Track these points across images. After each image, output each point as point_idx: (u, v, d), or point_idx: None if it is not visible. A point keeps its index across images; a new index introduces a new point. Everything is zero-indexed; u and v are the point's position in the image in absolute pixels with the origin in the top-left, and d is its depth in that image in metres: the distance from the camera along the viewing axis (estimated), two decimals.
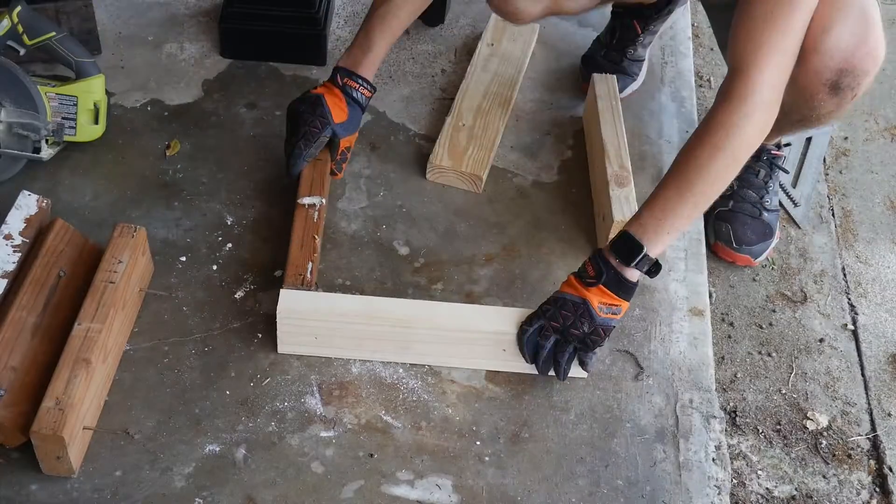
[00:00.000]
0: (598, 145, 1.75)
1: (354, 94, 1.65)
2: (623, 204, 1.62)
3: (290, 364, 1.48)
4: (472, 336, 1.47)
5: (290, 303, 1.45)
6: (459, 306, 1.51)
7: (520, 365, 1.49)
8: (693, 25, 2.34)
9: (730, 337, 1.75)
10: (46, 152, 1.69)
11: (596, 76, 1.86)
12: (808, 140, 2.09)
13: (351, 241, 1.68)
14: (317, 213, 1.59)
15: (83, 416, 1.31)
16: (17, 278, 1.42)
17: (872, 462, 1.60)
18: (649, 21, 1.94)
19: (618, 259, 1.39)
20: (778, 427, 1.62)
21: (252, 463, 1.37)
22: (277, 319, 1.44)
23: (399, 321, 1.46)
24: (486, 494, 1.37)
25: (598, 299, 1.40)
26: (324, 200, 1.61)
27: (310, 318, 1.45)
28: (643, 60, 1.99)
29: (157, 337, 1.50)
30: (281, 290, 1.46)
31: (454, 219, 1.74)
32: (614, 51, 1.95)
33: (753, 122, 1.35)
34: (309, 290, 1.47)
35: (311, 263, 1.51)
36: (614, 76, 1.88)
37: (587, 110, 1.90)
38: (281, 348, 1.48)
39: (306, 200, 1.60)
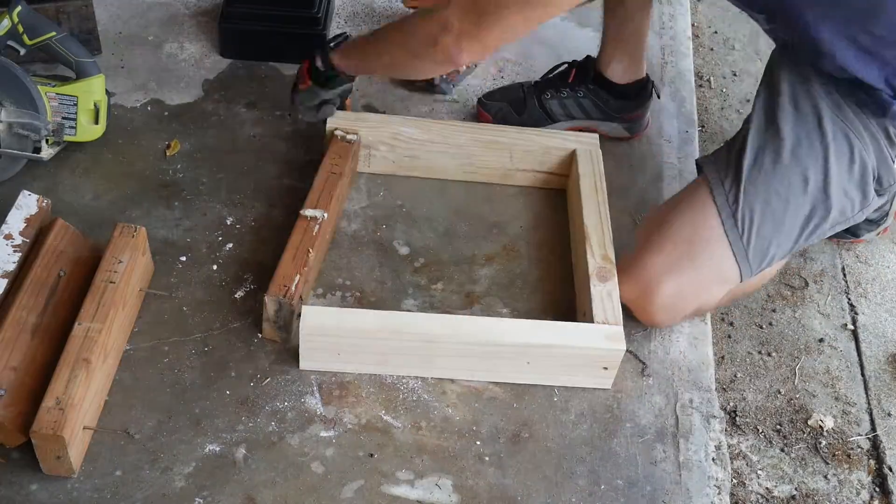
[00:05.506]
0: (580, 229, 1.63)
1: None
2: (605, 301, 1.50)
3: (290, 364, 1.48)
4: (497, 349, 1.45)
5: (315, 319, 1.43)
6: (482, 319, 1.50)
7: (545, 378, 1.49)
8: (693, 25, 2.34)
9: (730, 337, 1.75)
10: (46, 152, 1.69)
11: (579, 151, 1.74)
12: None
13: (351, 241, 1.68)
14: (318, 226, 1.56)
15: (83, 416, 1.31)
16: (18, 278, 1.42)
17: (872, 462, 1.60)
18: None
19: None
20: (778, 427, 1.62)
21: (252, 463, 1.37)
22: (300, 336, 1.42)
23: (423, 336, 1.44)
24: (486, 494, 1.37)
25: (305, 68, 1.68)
26: (326, 214, 1.58)
27: (333, 335, 1.43)
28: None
29: (157, 337, 1.50)
30: (303, 307, 1.44)
31: (454, 219, 1.74)
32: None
33: (439, 48, 1.44)
34: (291, 301, 1.45)
35: (298, 276, 1.47)
36: (599, 152, 1.75)
37: (570, 184, 1.76)
38: (303, 364, 1.46)
39: (309, 212, 1.58)
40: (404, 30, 1.51)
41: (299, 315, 1.44)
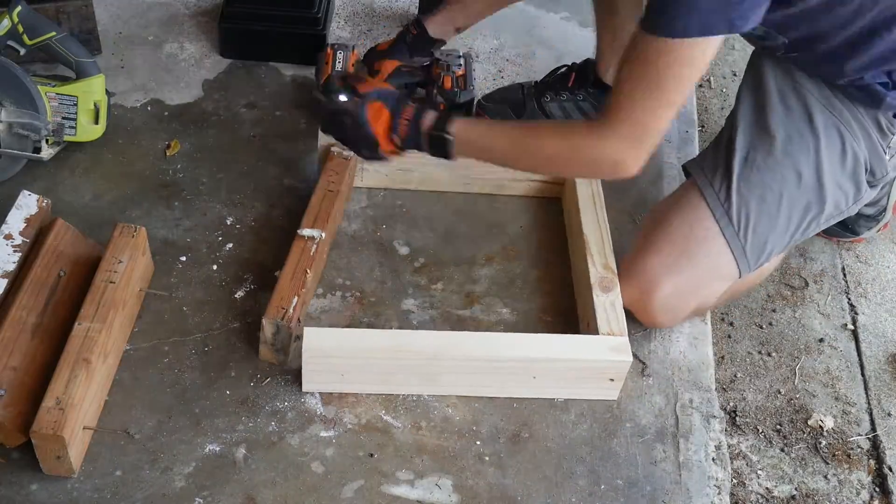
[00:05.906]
0: (580, 238, 1.61)
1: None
2: (609, 312, 1.49)
3: (289, 364, 1.48)
4: (502, 365, 1.44)
5: (316, 341, 1.41)
6: (486, 335, 1.50)
7: (551, 391, 1.49)
8: None
9: (730, 337, 1.75)
10: (47, 152, 1.69)
11: None
12: None
13: (351, 241, 1.68)
14: (315, 246, 1.54)
15: (83, 416, 1.31)
16: (18, 278, 1.42)
17: (872, 462, 1.60)
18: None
19: (434, 131, 1.43)
20: (778, 427, 1.62)
21: (252, 463, 1.37)
22: (303, 359, 1.41)
23: (426, 354, 1.43)
24: (486, 494, 1.37)
25: (384, 127, 1.45)
26: (323, 234, 1.56)
27: (335, 356, 1.42)
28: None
29: (157, 337, 1.50)
30: (305, 329, 1.42)
31: (454, 219, 1.74)
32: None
33: (595, 160, 1.40)
34: (289, 325, 1.43)
35: (296, 298, 1.46)
36: None
37: (567, 192, 1.75)
38: (306, 387, 1.45)
39: (306, 232, 1.56)
40: (568, 147, 1.40)
41: (297, 337, 1.43)
